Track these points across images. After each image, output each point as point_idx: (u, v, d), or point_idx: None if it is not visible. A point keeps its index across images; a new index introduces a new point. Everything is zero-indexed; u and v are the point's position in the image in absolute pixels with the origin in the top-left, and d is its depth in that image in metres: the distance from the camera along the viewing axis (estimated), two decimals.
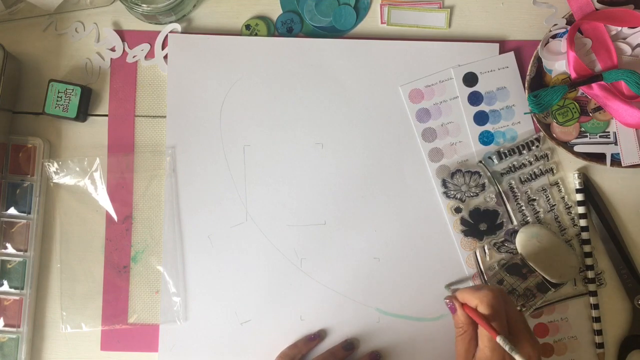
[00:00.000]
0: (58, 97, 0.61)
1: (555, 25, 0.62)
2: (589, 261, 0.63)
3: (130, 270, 0.63)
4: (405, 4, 0.65)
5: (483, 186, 0.63)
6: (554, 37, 0.62)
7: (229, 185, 0.63)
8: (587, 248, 0.63)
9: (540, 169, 0.63)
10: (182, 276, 0.63)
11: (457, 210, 0.63)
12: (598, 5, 0.61)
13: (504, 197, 0.63)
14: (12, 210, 0.62)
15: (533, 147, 0.63)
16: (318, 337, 0.62)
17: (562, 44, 0.61)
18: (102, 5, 0.65)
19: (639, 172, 0.64)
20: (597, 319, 0.62)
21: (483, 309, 0.51)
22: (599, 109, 0.62)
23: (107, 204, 0.63)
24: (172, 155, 0.63)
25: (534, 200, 0.63)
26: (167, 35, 0.64)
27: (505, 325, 0.52)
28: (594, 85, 0.60)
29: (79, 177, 0.63)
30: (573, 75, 0.60)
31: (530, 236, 0.61)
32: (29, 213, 0.62)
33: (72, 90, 0.61)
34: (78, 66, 0.64)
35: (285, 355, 0.61)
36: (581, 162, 0.63)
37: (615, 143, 0.62)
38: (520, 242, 0.61)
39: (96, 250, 0.63)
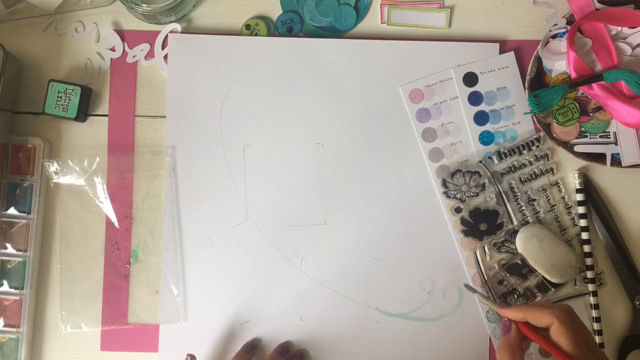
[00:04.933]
0: (58, 97, 0.61)
1: (556, 25, 0.62)
2: (589, 261, 0.63)
3: (130, 270, 0.63)
4: (405, 4, 0.65)
5: (483, 186, 0.63)
6: (554, 37, 0.62)
7: (229, 185, 0.63)
8: (587, 248, 0.63)
9: (541, 169, 0.63)
10: (182, 276, 0.63)
11: (457, 210, 0.63)
12: (598, 5, 0.61)
13: (504, 197, 0.63)
14: (12, 210, 0.62)
15: (533, 147, 0.63)
16: (254, 347, 0.62)
17: (562, 44, 0.61)
18: (102, 5, 0.65)
19: (639, 172, 0.64)
20: (597, 319, 0.62)
21: (562, 326, 0.46)
22: (599, 109, 0.62)
23: (107, 204, 0.63)
24: (172, 155, 0.63)
25: (534, 200, 0.63)
26: (167, 35, 0.64)
27: (585, 344, 0.46)
28: (594, 85, 0.60)
29: (79, 177, 0.63)
30: (573, 75, 0.60)
31: (531, 236, 0.61)
32: (29, 213, 0.62)
33: (72, 90, 0.61)
34: (78, 66, 0.64)
35: None
36: (581, 162, 0.63)
37: (616, 143, 0.62)
38: (521, 242, 0.61)
39: (96, 250, 0.63)
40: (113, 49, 0.64)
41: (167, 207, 0.63)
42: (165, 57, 0.64)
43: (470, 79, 0.64)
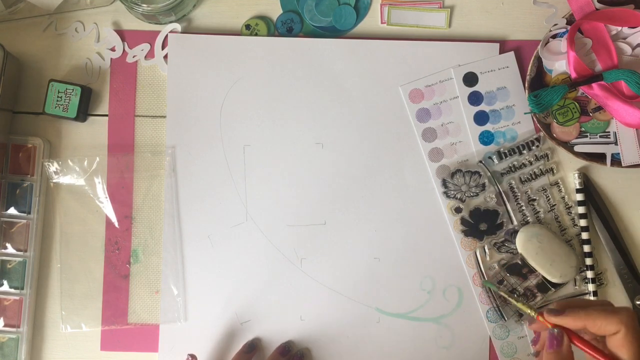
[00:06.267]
0: (58, 97, 0.61)
1: (556, 25, 0.62)
2: (589, 261, 0.63)
3: (130, 270, 0.63)
4: (405, 4, 0.65)
5: (483, 186, 0.63)
6: (554, 37, 0.62)
7: (229, 185, 0.63)
8: (587, 248, 0.63)
9: (541, 169, 0.63)
10: (182, 276, 0.63)
11: (457, 210, 0.63)
12: (598, 5, 0.61)
13: (504, 197, 0.63)
14: (12, 210, 0.62)
15: (533, 147, 0.63)
16: (254, 347, 0.61)
17: (562, 44, 0.61)
18: (102, 5, 0.65)
19: (639, 172, 0.64)
20: None
21: (629, 334, 0.39)
22: (599, 108, 0.62)
23: (107, 204, 0.63)
24: (172, 155, 0.63)
25: (534, 200, 0.63)
26: (167, 35, 0.64)
27: None
28: (594, 85, 0.60)
29: (79, 177, 0.63)
30: (573, 75, 0.60)
31: (531, 236, 0.61)
32: (29, 213, 0.62)
33: (72, 90, 0.61)
34: (78, 66, 0.64)
35: None
36: (581, 162, 0.63)
37: (616, 143, 0.62)
38: (521, 242, 0.61)
39: (96, 250, 0.63)
40: (113, 49, 0.64)
41: (167, 207, 0.63)
42: (165, 57, 0.64)
43: (470, 79, 0.64)
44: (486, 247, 0.63)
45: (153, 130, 0.64)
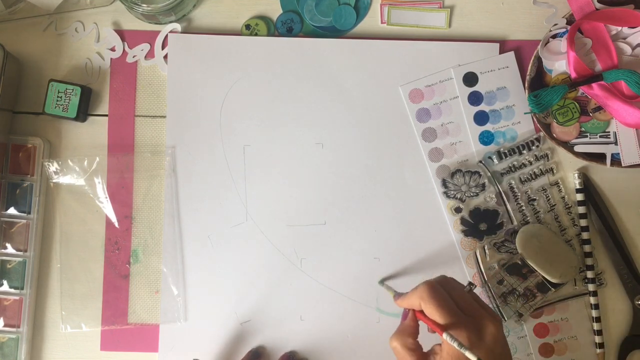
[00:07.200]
0: (58, 97, 0.61)
1: (556, 25, 0.62)
2: (589, 261, 0.63)
3: (130, 270, 0.63)
4: (405, 3, 0.65)
5: (483, 186, 0.63)
6: (554, 37, 0.62)
7: (229, 185, 0.63)
8: (587, 248, 0.63)
9: (540, 169, 0.63)
10: (182, 276, 0.63)
11: (457, 210, 0.63)
12: (598, 5, 0.61)
13: (504, 197, 0.63)
14: (12, 210, 0.62)
15: (533, 147, 0.63)
16: (259, 355, 0.62)
17: (562, 44, 0.61)
18: (102, 5, 0.65)
19: (639, 172, 0.64)
20: (597, 319, 0.62)
21: (426, 305, 0.48)
22: (599, 108, 0.62)
23: (107, 204, 0.63)
24: (172, 155, 0.63)
25: (534, 200, 0.63)
26: (167, 35, 0.64)
27: (456, 311, 0.48)
28: (594, 85, 0.60)
29: (78, 177, 0.63)
30: (573, 75, 0.60)
31: (530, 236, 0.61)
32: (29, 213, 0.62)
33: (72, 90, 0.62)
34: (78, 66, 0.64)
35: None
36: (581, 162, 0.63)
37: (616, 143, 0.62)
38: (520, 242, 0.61)
39: (96, 250, 0.63)
40: (113, 49, 0.64)
41: (167, 207, 0.63)
42: (165, 57, 0.64)
43: (470, 79, 0.64)
44: (486, 247, 0.63)
45: (153, 130, 0.64)
